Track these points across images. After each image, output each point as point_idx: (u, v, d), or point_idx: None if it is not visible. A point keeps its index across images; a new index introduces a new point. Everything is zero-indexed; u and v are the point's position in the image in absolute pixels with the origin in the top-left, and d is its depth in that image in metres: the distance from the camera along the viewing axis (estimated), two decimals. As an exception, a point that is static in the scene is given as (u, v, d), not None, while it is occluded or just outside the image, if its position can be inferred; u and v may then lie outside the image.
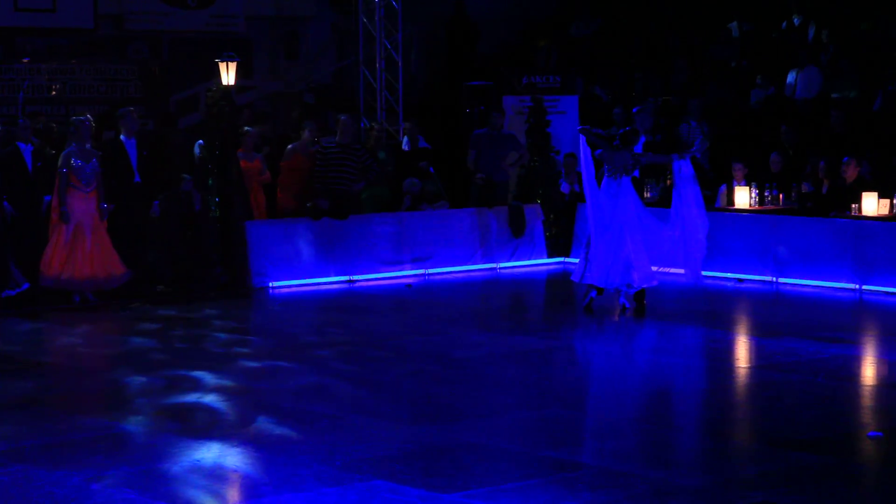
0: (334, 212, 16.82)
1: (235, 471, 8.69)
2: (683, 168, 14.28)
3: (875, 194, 16.09)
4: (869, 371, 12.15)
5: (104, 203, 15.22)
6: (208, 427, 9.79)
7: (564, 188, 18.90)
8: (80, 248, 15.00)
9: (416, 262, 17.57)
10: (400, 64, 21.31)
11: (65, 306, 15.00)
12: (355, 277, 17.03)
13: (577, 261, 15.79)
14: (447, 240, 17.86)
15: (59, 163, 15.02)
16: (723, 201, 17.49)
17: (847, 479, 8.37)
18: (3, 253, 14.87)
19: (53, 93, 20.45)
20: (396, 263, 17.43)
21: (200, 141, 16.77)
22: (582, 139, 14.40)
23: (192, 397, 10.73)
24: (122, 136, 15.78)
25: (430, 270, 17.61)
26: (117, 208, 15.44)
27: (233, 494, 8.36)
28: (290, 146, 17.31)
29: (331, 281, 16.86)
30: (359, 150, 17.11)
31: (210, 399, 10.69)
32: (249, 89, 22.53)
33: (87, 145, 15.24)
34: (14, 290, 14.91)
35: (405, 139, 19.40)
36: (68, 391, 11.46)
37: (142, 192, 15.80)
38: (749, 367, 12.31)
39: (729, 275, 16.78)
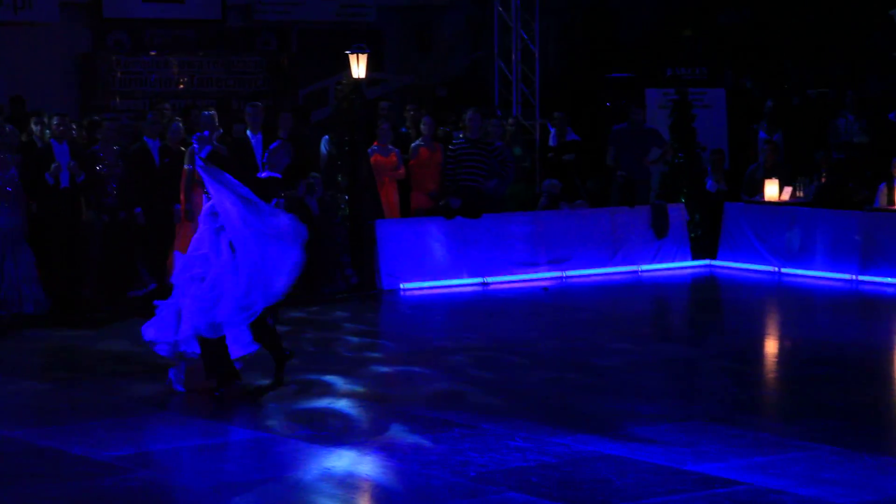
0: (466, 210, 16.91)
1: (367, 480, 8.82)
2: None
3: None
4: None
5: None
6: (340, 434, 9.93)
7: (710, 186, 18.76)
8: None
9: (553, 263, 17.58)
10: (537, 55, 21.31)
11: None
12: (489, 279, 17.11)
13: (724, 263, 15.71)
14: (586, 241, 17.83)
15: (185, 159, 15.34)
16: (882, 200, 17.19)
17: None
18: (131, 254, 15.27)
19: (181, 86, 20.87)
20: (532, 265, 17.46)
21: (326, 136, 16.96)
22: None
23: (323, 403, 10.91)
24: (248, 132, 16.03)
25: (568, 273, 17.60)
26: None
27: (363, 503, 8.48)
28: (413, 143, 17.44)
29: (463, 283, 16.95)
30: (490, 145, 17.16)
31: (341, 405, 10.84)
32: (380, 82, 22.73)
33: (214, 141, 15.54)
34: (141, 290, 15.25)
35: (553, 132, 19.38)
36: (195, 395, 11.69)
37: (266, 188, 15.96)
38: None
39: (889, 279, 16.48)
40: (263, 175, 11.99)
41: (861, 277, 16.81)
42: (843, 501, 8.16)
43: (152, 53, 20.95)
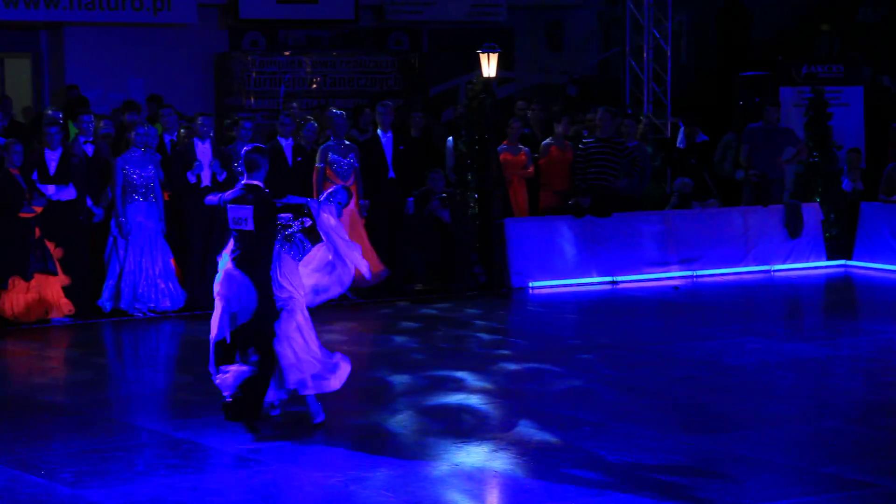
0: (596, 210, 16.90)
1: (497, 475, 8.87)
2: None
3: None
4: None
5: (363, 199, 15.68)
6: (470, 430, 10.00)
7: (846, 186, 18.51)
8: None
9: (684, 263, 17.49)
10: (669, 53, 21.23)
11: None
12: (618, 278, 17.07)
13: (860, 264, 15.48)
14: (717, 240, 17.72)
15: (317, 157, 15.55)
16: None
17: None
18: None
19: (314, 86, 21.15)
20: (662, 264, 17.39)
21: (450, 138, 17.05)
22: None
23: (454, 399, 10.99)
24: (378, 131, 16.19)
25: (699, 272, 17.50)
26: (372, 204, 15.86)
27: (492, 500, 8.54)
28: (544, 142, 17.46)
29: (592, 281, 16.95)
30: (620, 144, 17.12)
31: (472, 401, 10.92)
32: (510, 81, 22.81)
33: (345, 140, 15.75)
34: None
35: (681, 135, 19.28)
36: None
37: (396, 188, 16.15)
38: None
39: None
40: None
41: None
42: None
43: (286, 53, 21.25)
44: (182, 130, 15.83)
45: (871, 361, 12.80)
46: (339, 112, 16.10)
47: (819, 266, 18.09)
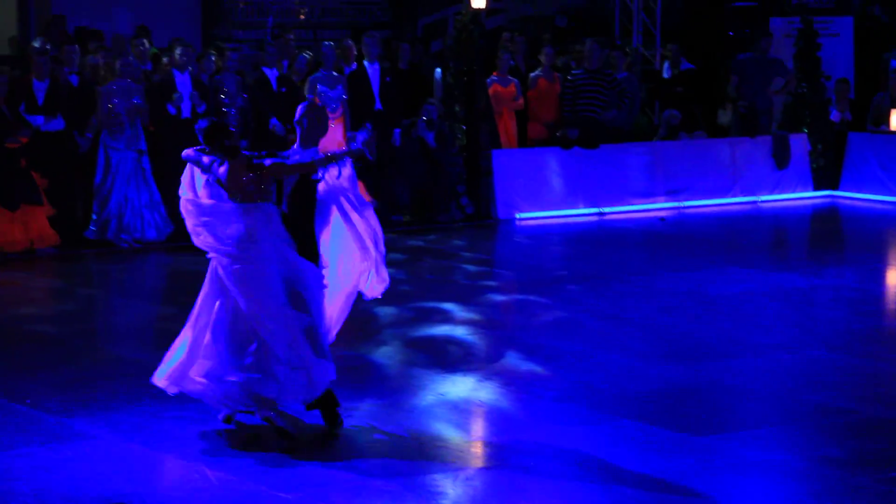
0: (584, 141, 16.86)
1: (481, 406, 8.90)
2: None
3: None
4: None
5: (350, 131, 15.61)
6: (455, 360, 10.03)
7: (834, 116, 18.47)
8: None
9: (671, 194, 17.49)
10: (658, -17, 21.09)
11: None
12: (605, 209, 17.07)
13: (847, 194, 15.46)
14: (704, 171, 17.71)
15: (305, 88, 15.47)
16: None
17: None
18: None
19: (302, 17, 20.99)
20: (649, 195, 17.39)
21: (439, 69, 16.97)
22: None
23: (440, 330, 11.01)
24: (364, 62, 16.10)
25: (685, 203, 17.50)
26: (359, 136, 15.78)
27: (477, 429, 8.57)
28: (532, 73, 17.39)
29: (579, 213, 16.94)
30: (609, 76, 17.05)
31: (458, 332, 10.94)
32: (499, 12, 22.62)
33: (333, 72, 15.67)
34: None
35: (666, 64, 19.22)
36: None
37: (383, 119, 16.08)
38: None
39: None
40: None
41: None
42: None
43: (273, -16, 21.09)
44: (165, 59, 15.70)
45: (855, 291, 12.83)
46: (327, 44, 16.02)
47: (806, 196, 18.11)
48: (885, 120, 18.07)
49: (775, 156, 17.98)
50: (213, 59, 15.58)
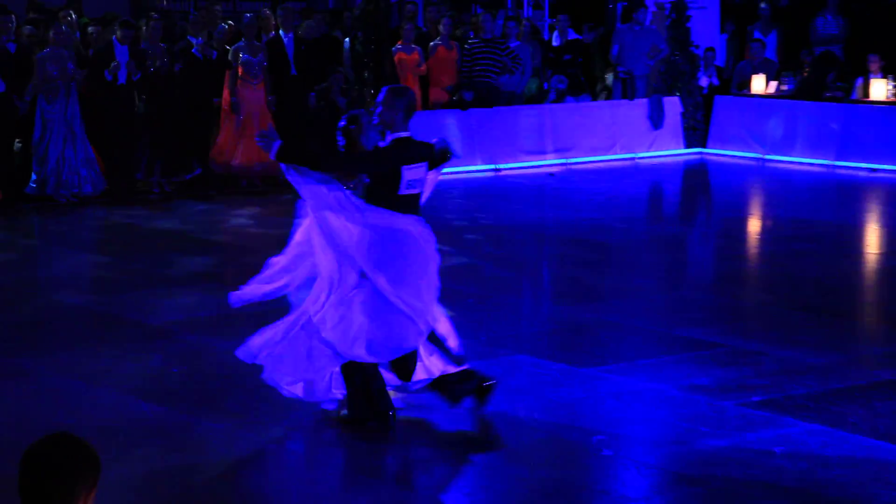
0: (480, 104, 16.88)
1: (391, 343, 8.92)
2: None
3: None
4: None
5: (270, 95, 15.50)
6: (366, 302, 10.02)
7: (703, 81, 18.66)
8: (251, 136, 15.34)
9: (559, 152, 17.58)
10: (547, -39, 21.08)
11: (232, 190, 15.39)
12: (500, 166, 17.12)
13: (714, 151, 15.59)
14: (588, 131, 17.82)
15: (230, 57, 15.32)
16: (859, 94, 17.11)
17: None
18: (179, 142, 15.32)
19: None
20: (540, 153, 17.47)
21: (348, 39, 16.86)
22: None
23: (350, 275, 10.99)
24: (280, 32, 15.96)
25: (572, 160, 17.61)
26: (277, 99, 15.68)
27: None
28: (432, 42, 17.34)
29: (477, 169, 16.96)
30: (502, 44, 17.07)
31: (367, 277, 10.93)
32: (403, -14, 22.50)
33: (254, 41, 15.54)
34: (188, 174, 15.33)
35: (556, 33, 19.27)
36: (239, 267, 11.79)
37: (298, 84, 15.98)
38: (878, 254, 12.16)
39: (863, 165, 16.50)
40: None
41: (837, 163, 16.82)
42: (812, 360, 8.26)
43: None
44: (91, 29, 15.47)
45: (721, 237, 13.04)
46: (248, 15, 15.90)
47: (678, 154, 18.29)
48: (747, 85, 18.31)
49: (651, 117, 18.13)
50: (144, 29, 15.37)
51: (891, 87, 16.75)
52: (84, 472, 3.26)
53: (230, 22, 16.53)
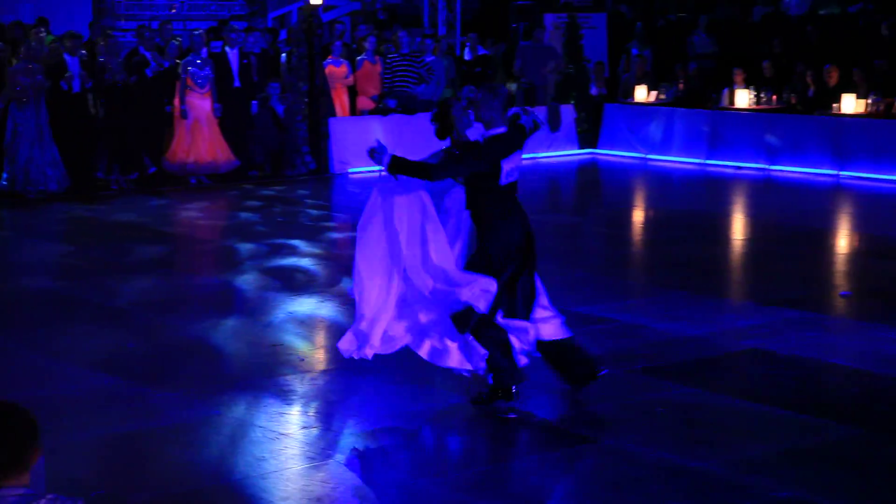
0: (405, 110, 16.80)
1: (325, 320, 8.84)
2: None
3: (853, 95, 15.85)
4: (843, 242, 12.10)
5: (217, 103, 15.29)
6: (302, 285, 9.93)
7: (594, 91, 18.75)
8: (200, 139, 15.15)
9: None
10: (458, -13, 21.00)
11: (182, 187, 15.18)
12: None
13: (604, 152, 15.66)
14: (496, 134, 17.78)
15: (180, 69, 15.09)
16: (725, 101, 17.29)
17: (822, 328, 8.40)
18: (134, 144, 15.06)
19: (173, 10, 20.37)
20: (452, 153, 17.39)
21: (284, 54, 16.72)
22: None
23: (289, 261, 10.88)
24: (226, 48, 15.77)
25: (481, 159, 17.55)
26: (223, 108, 15.48)
27: (320, 340, 8.51)
28: (359, 57, 17.27)
29: (398, 167, 16.85)
30: (418, 58, 17.02)
31: (304, 263, 10.83)
32: (333, 7, 22.29)
33: (203, 54, 15.32)
34: (143, 173, 15.10)
35: (467, 48, 19.23)
36: (189, 256, 11.65)
37: (241, 94, 15.79)
38: (743, 240, 12.28)
39: (729, 163, 16.68)
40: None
41: (708, 162, 16.98)
42: (691, 332, 8.30)
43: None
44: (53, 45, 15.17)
45: (608, 227, 13.06)
46: (197, 32, 15.67)
47: (573, 153, 18.35)
48: (631, 94, 18.42)
49: (549, 122, 18.15)
50: (102, 44, 15.07)
51: (752, 96, 16.94)
52: (25, 437, 3.14)
53: (180, 38, 16.28)
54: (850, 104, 15.80)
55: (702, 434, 6.31)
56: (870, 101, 15.76)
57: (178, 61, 15.32)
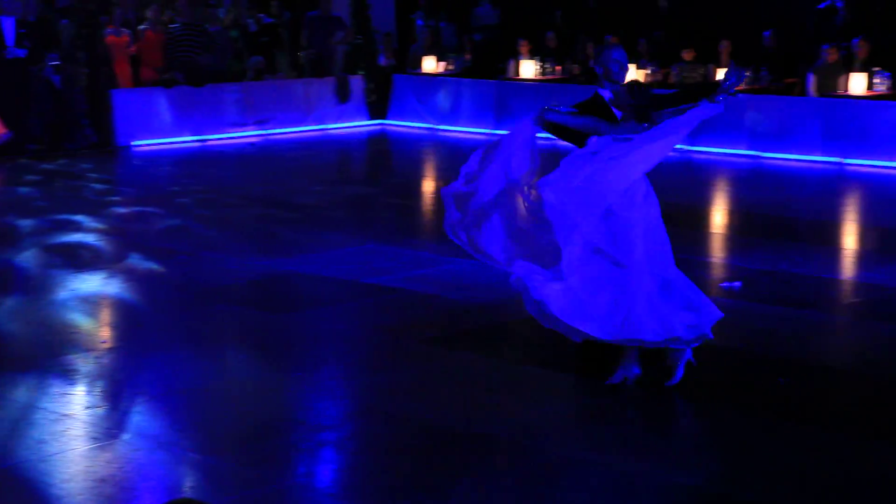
0: (189, 81, 16.50)
1: (111, 297, 8.66)
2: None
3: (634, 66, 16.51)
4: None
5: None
6: (86, 262, 9.69)
7: (382, 61, 18.85)
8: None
9: (259, 124, 17.41)
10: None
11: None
12: (206, 137, 16.81)
13: (393, 122, 15.85)
14: (285, 106, 17.72)
15: None
16: (511, 72, 17.71)
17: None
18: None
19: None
20: (242, 125, 17.26)
21: (64, 20, 16.17)
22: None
23: (73, 237, 10.59)
24: (2, 16, 15.14)
25: (270, 131, 17.48)
26: (-2, 78, 14.89)
27: (105, 318, 8.35)
28: (140, 26, 16.89)
29: (185, 140, 16.61)
30: (199, 27, 16.78)
31: (89, 239, 10.55)
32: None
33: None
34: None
35: (252, 21, 18.99)
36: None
37: (17, 64, 15.18)
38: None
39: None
40: None
41: (496, 132, 17.34)
42: (478, 301, 8.49)
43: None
44: None
45: (402, 197, 13.19)
46: None
47: (363, 125, 18.44)
48: (419, 64, 18.62)
49: (338, 93, 18.18)
50: None
51: (537, 66, 17.41)
52: None
53: None
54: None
55: (490, 404, 6.51)
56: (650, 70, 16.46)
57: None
